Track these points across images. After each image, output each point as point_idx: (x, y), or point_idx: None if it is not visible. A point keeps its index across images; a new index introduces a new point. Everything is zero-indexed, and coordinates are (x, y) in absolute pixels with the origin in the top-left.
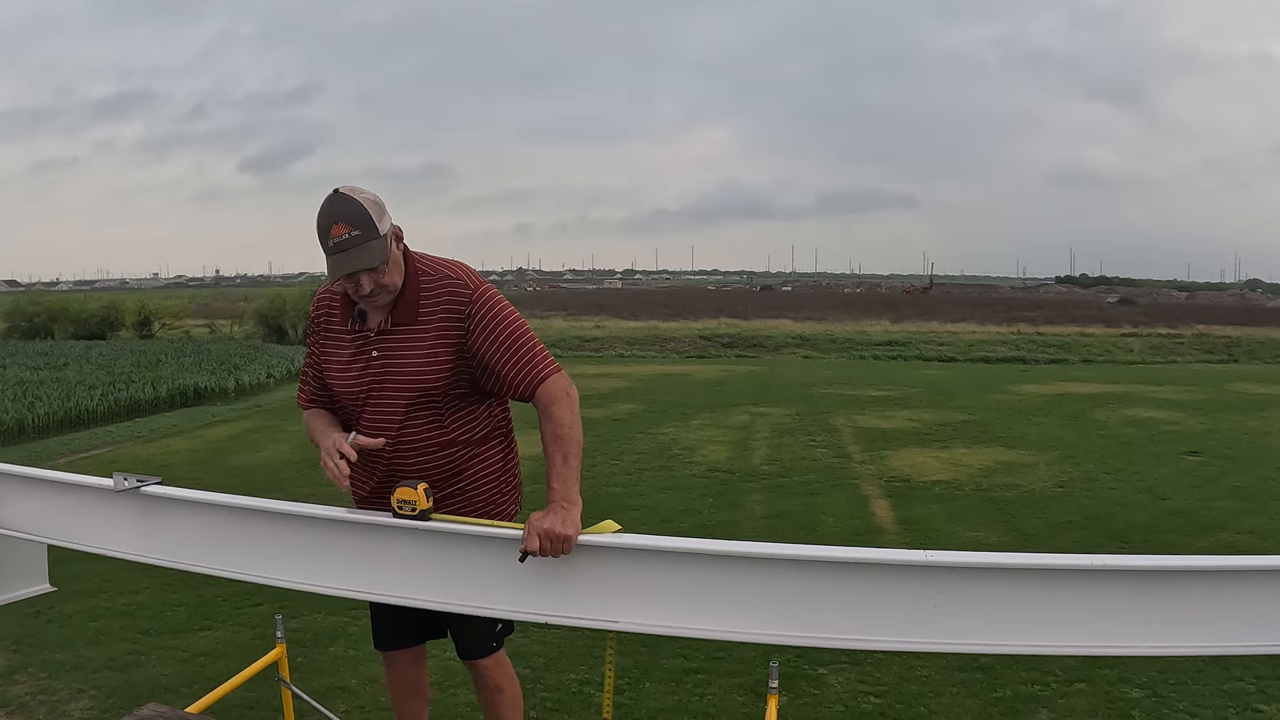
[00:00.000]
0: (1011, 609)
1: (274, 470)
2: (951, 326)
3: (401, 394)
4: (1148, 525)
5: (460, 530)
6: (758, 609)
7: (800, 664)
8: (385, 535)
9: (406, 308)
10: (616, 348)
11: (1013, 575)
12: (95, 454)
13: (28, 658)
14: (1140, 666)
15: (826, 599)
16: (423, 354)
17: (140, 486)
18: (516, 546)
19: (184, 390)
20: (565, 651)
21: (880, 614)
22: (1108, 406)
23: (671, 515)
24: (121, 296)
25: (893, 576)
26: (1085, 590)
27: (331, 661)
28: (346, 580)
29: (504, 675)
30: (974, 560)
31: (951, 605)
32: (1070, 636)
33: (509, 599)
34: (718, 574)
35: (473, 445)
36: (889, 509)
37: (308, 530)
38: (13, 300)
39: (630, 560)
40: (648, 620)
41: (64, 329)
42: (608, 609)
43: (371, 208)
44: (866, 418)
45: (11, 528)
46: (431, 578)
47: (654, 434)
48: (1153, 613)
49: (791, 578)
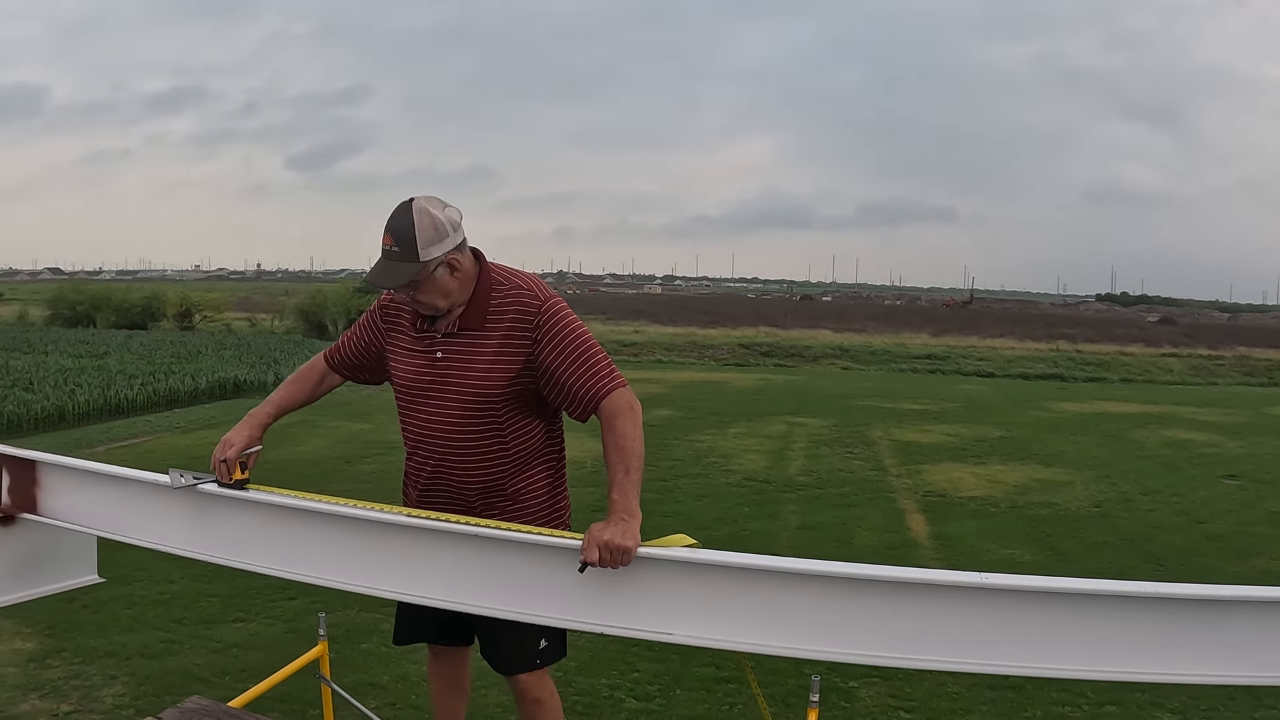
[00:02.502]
0: (1045, 632)
1: (311, 465)
2: (991, 342)
3: (459, 397)
4: (1183, 548)
5: (514, 538)
6: (811, 626)
7: (831, 677)
8: (437, 540)
9: (474, 314)
10: (655, 353)
11: (1048, 599)
12: (133, 443)
13: (61, 642)
14: (1172, 691)
15: (864, 615)
16: (485, 360)
17: (197, 484)
18: (571, 557)
19: (224, 383)
20: (597, 656)
21: (917, 632)
22: (1146, 427)
23: (706, 523)
24: (163, 287)
25: (930, 596)
26: (1120, 616)
27: (364, 657)
28: (397, 583)
29: (544, 688)
30: (1010, 583)
31: (986, 626)
32: (1104, 661)
33: (561, 607)
34: (775, 589)
35: (523, 460)
36: (924, 524)
37: (359, 532)
38: (56, 288)
39: (685, 573)
40: (702, 633)
41: (106, 318)
42: (663, 621)
43: (425, 231)
44: (904, 431)
45: (62, 519)
46: (483, 583)
47: (690, 441)
48: (1189, 640)
49: (835, 594)
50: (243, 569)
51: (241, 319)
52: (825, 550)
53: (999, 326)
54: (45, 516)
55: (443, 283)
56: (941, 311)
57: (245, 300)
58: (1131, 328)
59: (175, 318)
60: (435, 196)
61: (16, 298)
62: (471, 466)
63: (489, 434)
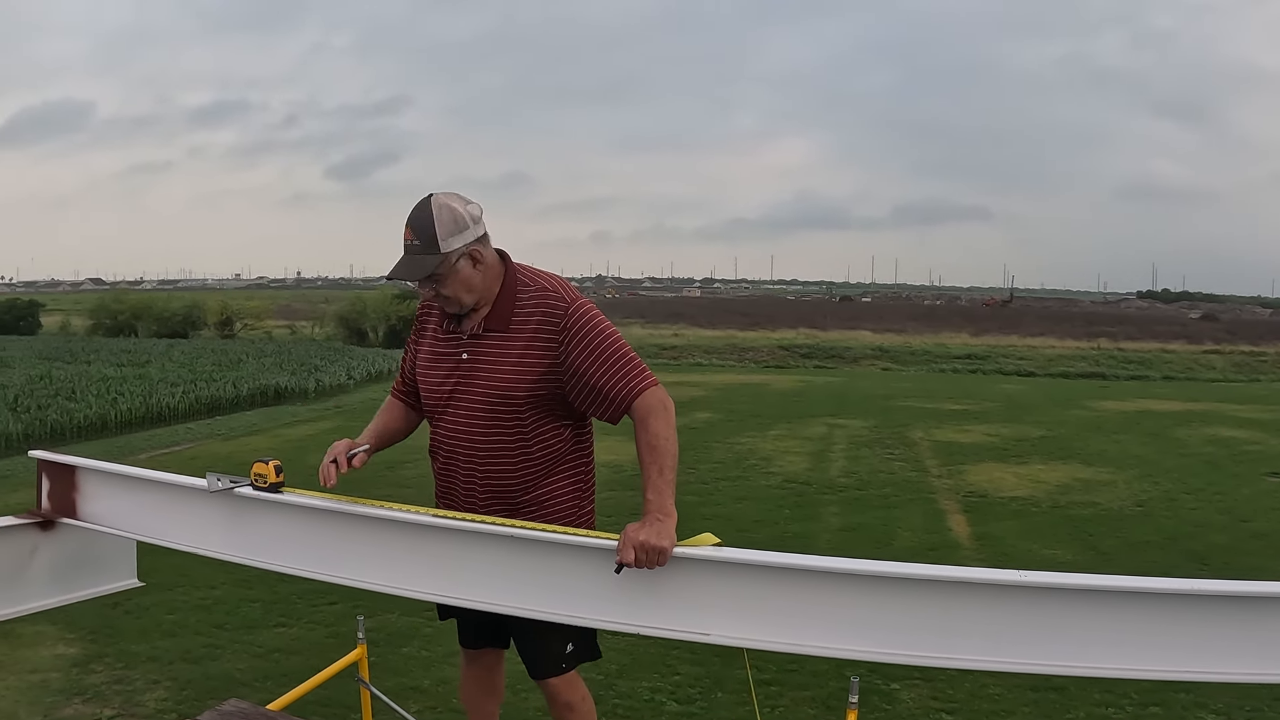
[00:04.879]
0: (1088, 630)
1: (353, 471)
2: (1031, 341)
3: (484, 398)
4: (1228, 547)
5: (552, 540)
6: (851, 625)
7: (872, 679)
8: (475, 541)
9: (500, 315)
10: (695, 356)
11: (1090, 597)
12: (175, 450)
13: (104, 647)
14: (1215, 692)
15: (905, 614)
16: (510, 361)
17: (234, 488)
18: (608, 558)
19: (264, 390)
20: (638, 659)
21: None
22: (1189, 425)
23: (747, 525)
24: (204, 296)
25: (971, 595)
26: (1164, 613)
27: (405, 661)
28: (434, 584)
29: (575, 693)
30: (1051, 581)
31: (1028, 625)
32: (1148, 660)
33: (599, 608)
34: (815, 589)
35: (547, 466)
36: (965, 525)
37: (394, 534)
38: (98, 298)
39: (723, 573)
40: (739, 634)
41: (147, 327)
42: (699, 621)
43: (444, 223)
44: (944, 431)
45: (101, 523)
46: (519, 584)
47: (731, 443)
48: (1233, 638)
49: (876, 593)
50: (279, 571)
51: (282, 326)
52: (866, 552)
53: (1039, 325)
54: (84, 521)
55: (465, 275)
56: (981, 311)
57: (285, 308)
58: (1173, 325)
59: (216, 325)
60: (455, 192)
61: (59, 308)
62: (494, 470)
63: (513, 437)
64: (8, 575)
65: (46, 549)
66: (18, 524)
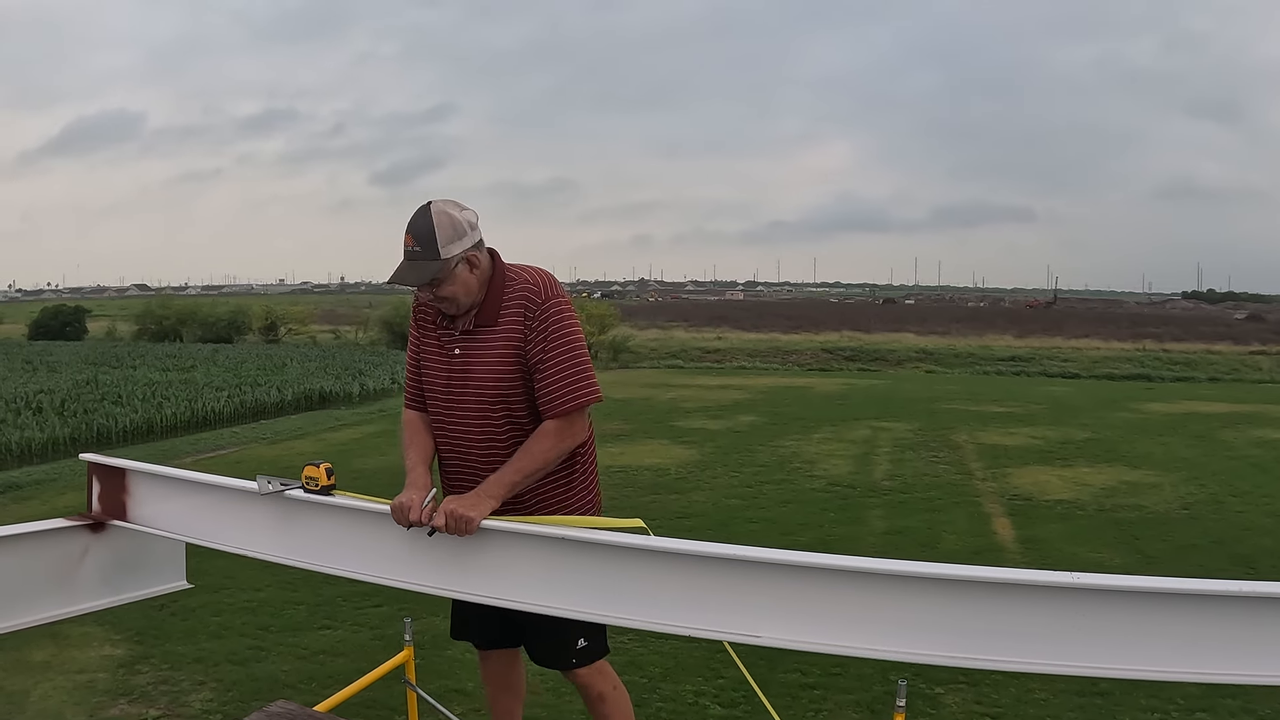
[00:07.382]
0: (1134, 632)
1: (397, 474)
2: (1076, 342)
3: (476, 393)
4: (1275, 550)
5: (596, 540)
6: (898, 627)
7: (917, 683)
8: (519, 542)
9: (489, 311)
10: (738, 359)
11: (1136, 599)
12: (220, 454)
13: (150, 649)
14: (1264, 697)
15: (951, 616)
16: (495, 355)
17: (285, 490)
18: (663, 560)
19: (309, 394)
20: (682, 662)
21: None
22: (1235, 426)
23: (791, 529)
24: (249, 301)
25: (1018, 596)
26: (1211, 615)
27: (449, 664)
28: (480, 584)
29: (605, 682)
30: (1098, 583)
31: (1074, 627)
32: (1195, 663)
33: (653, 612)
34: (861, 591)
35: None
36: (1010, 527)
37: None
38: (143, 303)
39: (772, 575)
40: (790, 635)
41: (192, 332)
42: (751, 623)
43: (444, 230)
44: (989, 434)
45: (151, 525)
46: (570, 586)
47: (775, 446)
48: None
49: (922, 595)
50: (327, 572)
51: (326, 331)
52: (910, 555)
53: (1083, 327)
54: (134, 523)
55: (464, 279)
56: (1025, 312)
57: (329, 313)
58: (1218, 325)
59: (260, 330)
60: (453, 199)
61: (104, 314)
62: (492, 463)
63: (505, 429)
64: (59, 577)
65: (97, 551)
66: (69, 526)
